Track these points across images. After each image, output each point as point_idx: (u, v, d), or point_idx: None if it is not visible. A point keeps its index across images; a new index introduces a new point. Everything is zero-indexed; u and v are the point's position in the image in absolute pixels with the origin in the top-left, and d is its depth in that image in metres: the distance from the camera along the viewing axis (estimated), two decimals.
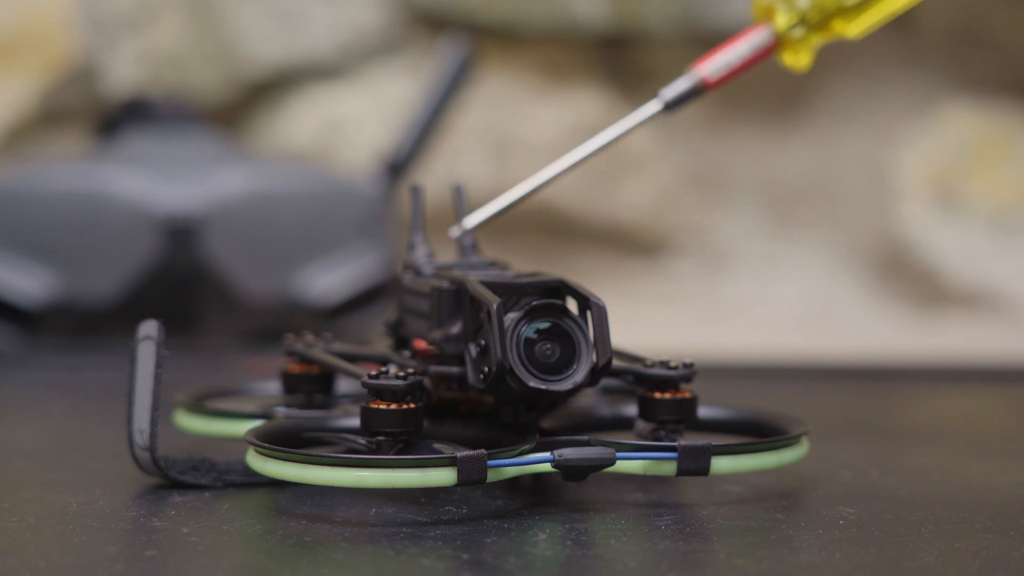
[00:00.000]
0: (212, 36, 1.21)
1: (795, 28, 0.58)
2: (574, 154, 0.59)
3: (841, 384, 0.93)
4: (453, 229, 0.59)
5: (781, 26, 0.58)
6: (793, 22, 0.58)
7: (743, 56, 0.58)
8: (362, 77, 1.23)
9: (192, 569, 0.45)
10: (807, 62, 0.59)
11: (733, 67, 0.58)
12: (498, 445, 0.51)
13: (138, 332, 0.54)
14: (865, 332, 1.21)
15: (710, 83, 0.58)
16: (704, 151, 1.26)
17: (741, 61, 0.58)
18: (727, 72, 0.58)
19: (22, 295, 1.01)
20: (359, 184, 1.06)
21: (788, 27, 0.58)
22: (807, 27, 0.58)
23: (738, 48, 0.58)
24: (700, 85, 0.58)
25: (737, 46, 0.58)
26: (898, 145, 1.23)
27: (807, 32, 0.58)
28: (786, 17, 0.58)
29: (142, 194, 1.01)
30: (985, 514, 0.52)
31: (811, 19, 0.58)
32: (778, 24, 0.58)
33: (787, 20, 0.58)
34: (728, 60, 0.58)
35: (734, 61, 0.58)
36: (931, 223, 1.21)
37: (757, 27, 0.58)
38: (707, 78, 0.58)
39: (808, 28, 0.58)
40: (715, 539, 0.49)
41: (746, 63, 0.58)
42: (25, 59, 1.19)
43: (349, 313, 1.04)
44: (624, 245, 1.25)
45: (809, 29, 0.58)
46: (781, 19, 0.58)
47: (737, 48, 0.58)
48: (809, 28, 0.58)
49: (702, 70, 0.58)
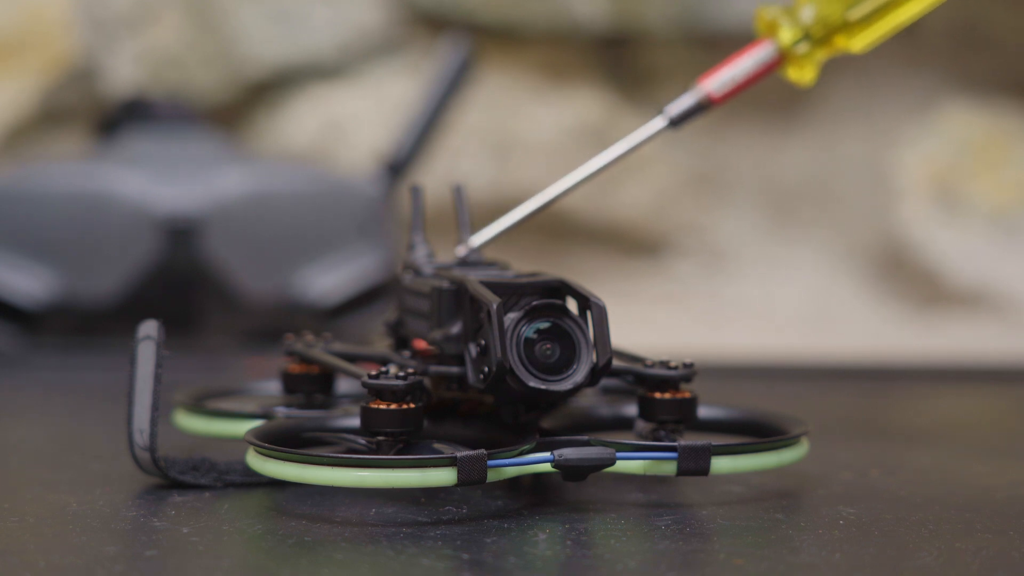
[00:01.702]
0: (212, 36, 1.21)
1: (799, 43, 0.58)
2: (580, 171, 0.59)
3: (841, 384, 0.93)
4: (460, 248, 0.59)
5: (785, 42, 0.58)
6: (798, 37, 0.58)
7: (748, 72, 0.58)
8: (362, 77, 1.23)
9: (192, 569, 0.45)
10: (812, 77, 0.59)
11: (738, 83, 0.58)
12: (498, 445, 0.51)
13: (138, 332, 0.54)
14: (865, 332, 1.21)
15: (715, 99, 0.58)
16: (704, 151, 1.26)
17: (746, 77, 0.58)
18: (732, 88, 0.58)
19: (22, 295, 1.01)
20: (359, 184, 1.06)
21: (792, 43, 0.58)
22: (811, 42, 0.58)
23: (743, 63, 0.58)
24: (705, 101, 0.58)
25: (742, 61, 0.58)
26: (898, 145, 1.23)
27: (811, 47, 0.58)
28: (790, 33, 0.58)
29: (142, 194, 1.01)
30: (985, 514, 0.52)
31: (815, 34, 0.58)
32: (782, 40, 0.58)
33: (791, 36, 0.58)
34: (733, 76, 0.58)
35: (739, 77, 0.58)
36: (931, 223, 1.21)
37: (761, 42, 0.58)
38: (712, 94, 0.58)
39: (812, 43, 0.58)
40: (715, 539, 0.49)
41: (751, 78, 0.58)
42: (25, 59, 1.19)
43: (349, 313, 1.04)
44: (624, 245, 1.25)
45: (813, 44, 0.58)
46: (785, 35, 0.58)
47: (742, 63, 0.58)
48: (813, 43, 0.58)
49: (707, 86, 0.58)
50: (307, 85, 1.23)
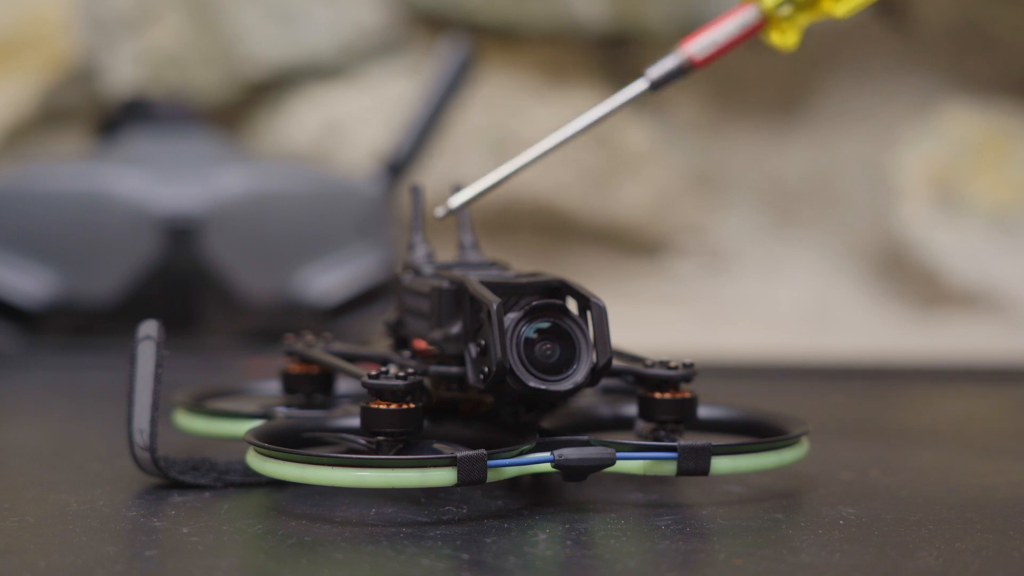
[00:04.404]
0: (212, 36, 1.21)
1: (783, 6, 0.57)
2: (560, 133, 0.58)
3: (841, 384, 0.93)
4: (438, 209, 0.58)
5: (768, 4, 0.57)
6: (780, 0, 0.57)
7: (730, 34, 0.58)
8: (362, 77, 1.23)
9: (192, 569, 0.45)
10: (794, 41, 0.58)
11: (720, 45, 0.57)
12: (498, 445, 0.51)
13: (138, 332, 0.54)
14: (865, 332, 1.21)
15: (696, 62, 0.57)
16: (704, 151, 1.26)
17: (728, 39, 0.57)
18: (714, 50, 0.57)
19: (22, 295, 1.01)
20: (359, 184, 1.06)
21: (776, 5, 0.57)
22: (794, 5, 0.57)
23: (725, 27, 0.58)
24: (687, 64, 0.57)
25: (724, 25, 0.58)
26: (898, 145, 1.23)
27: (794, 11, 0.57)
28: None
29: (142, 194, 1.01)
30: (985, 514, 0.52)
31: None
32: (765, 2, 0.57)
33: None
34: (715, 38, 0.57)
35: (720, 39, 0.57)
36: (931, 223, 1.21)
37: (744, 6, 0.58)
38: (693, 56, 0.57)
39: (795, 7, 0.57)
40: (715, 539, 0.49)
41: (733, 41, 0.58)
42: (25, 59, 1.19)
43: (349, 313, 1.04)
44: (624, 245, 1.25)
45: (796, 8, 0.57)
46: None
47: (724, 27, 0.58)
48: (796, 7, 0.57)
49: (688, 48, 0.57)
50: (307, 85, 1.23)
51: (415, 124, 1.07)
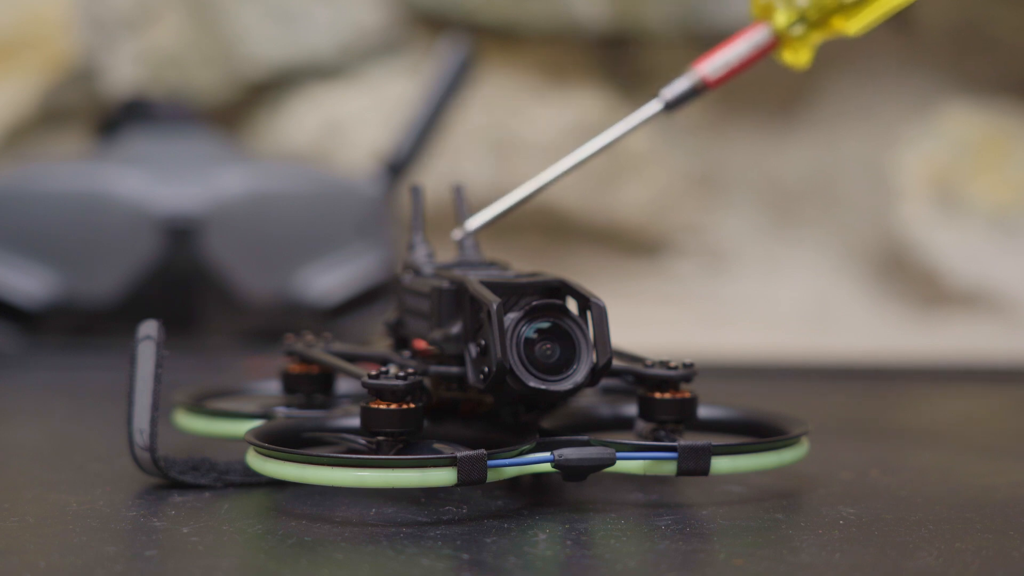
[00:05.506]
0: (212, 36, 1.21)
1: (795, 26, 0.58)
2: (575, 155, 0.59)
3: (841, 384, 0.93)
4: (455, 232, 0.59)
5: (780, 24, 0.58)
6: (792, 20, 0.58)
7: (742, 55, 0.58)
8: (362, 77, 1.23)
9: (192, 569, 0.45)
10: (807, 60, 0.58)
11: (732, 66, 0.58)
12: (498, 445, 0.51)
13: (138, 332, 0.54)
14: (865, 332, 1.21)
15: (710, 82, 0.58)
16: (704, 151, 1.26)
17: (740, 60, 0.58)
18: (727, 71, 0.58)
19: (22, 295, 1.01)
20: (359, 184, 1.06)
21: (788, 25, 0.58)
22: (807, 25, 0.58)
23: (737, 47, 0.58)
24: (700, 84, 0.58)
25: (736, 45, 0.58)
26: (898, 145, 1.23)
27: (807, 30, 0.58)
28: (785, 15, 0.58)
29: (142, 194, 1.01)
30: (985, 514, 0.52)
31: (810, 17, 0.58)
32: (777, 22, 0.58)
33: (787, 18, 0.58)
34: (727, 59, 0.58)
35: (733, 60, 0.58)
36: (931, 223, 1.21)
37: (756, 25, 0.58)
38: (707, 77, 0.58)
39: (808, 26, 0.58)
40: (715, 539, 0.49)
41: (746, 62, 0.58)
42: (25, 59, 1.19)
43: (349, 313, 1.04)
44: (624, 245, 1.25)
45: (809, 27, 0.58)
46: (780, 17, 0.58)
47: (736, 47, 0.58)
48: (809, 26, 0.58)
49: (702, 69, 0.58)
50: (307, 85, 1.23)
51: (415, 124, 1.07)
